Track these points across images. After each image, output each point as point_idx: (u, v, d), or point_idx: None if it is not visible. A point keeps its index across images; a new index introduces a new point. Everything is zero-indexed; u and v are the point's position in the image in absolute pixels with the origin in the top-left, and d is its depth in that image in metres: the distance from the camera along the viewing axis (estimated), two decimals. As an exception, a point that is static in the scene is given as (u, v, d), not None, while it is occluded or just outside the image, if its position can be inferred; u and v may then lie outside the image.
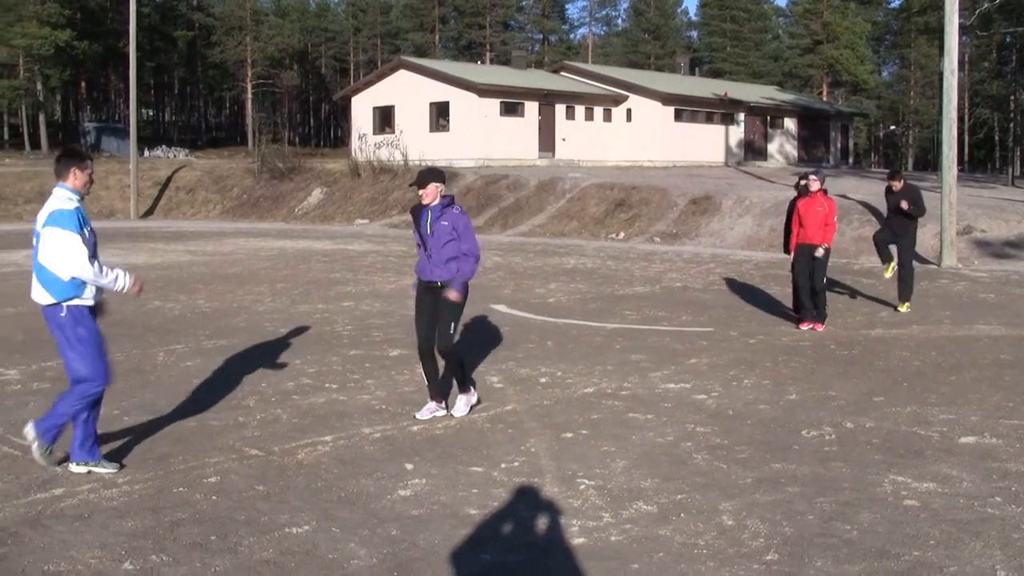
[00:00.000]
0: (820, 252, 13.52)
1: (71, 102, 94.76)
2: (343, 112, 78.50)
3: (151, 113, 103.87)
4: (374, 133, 47.88)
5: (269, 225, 39.75)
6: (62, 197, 7.00)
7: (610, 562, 5.56)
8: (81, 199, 7.11)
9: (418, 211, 8.74)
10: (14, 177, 46.26)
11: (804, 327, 13.69)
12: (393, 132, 46.49)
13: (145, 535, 5.96)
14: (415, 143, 43.80)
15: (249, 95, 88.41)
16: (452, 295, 8.56)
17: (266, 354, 11.76)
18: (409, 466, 7.32)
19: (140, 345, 12.42)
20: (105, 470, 7.12)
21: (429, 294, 8.71)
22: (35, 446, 7.01)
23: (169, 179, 48.62)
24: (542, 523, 6.19)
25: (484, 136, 44.28)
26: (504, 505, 6.50)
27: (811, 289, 13.70)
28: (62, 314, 6.92)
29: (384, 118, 48.49)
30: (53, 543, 5.84)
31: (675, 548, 5.75)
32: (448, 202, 8.69)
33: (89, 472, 7.07)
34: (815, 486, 6.85)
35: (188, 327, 13.90)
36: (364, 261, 23.82)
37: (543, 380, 10.41)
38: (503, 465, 7.34)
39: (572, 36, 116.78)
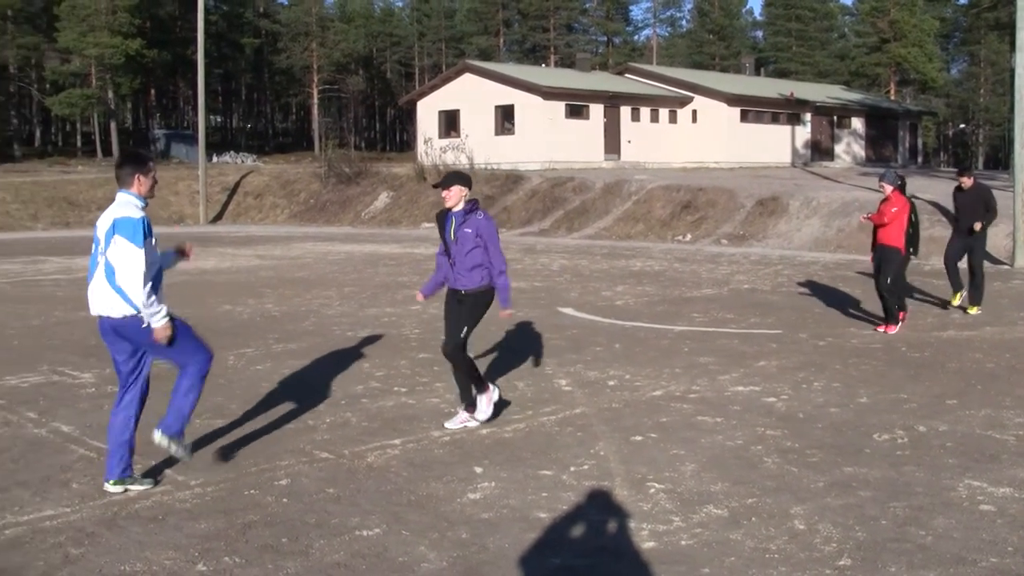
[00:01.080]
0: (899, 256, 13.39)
1: (141, 110, 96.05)
2: (408, 116, 78.88)
3: (219, 119, 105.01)
4: (440, 137, 48.07)
5: (336, 229, 40.02)
6: (128, 204, 6.79)
7: (680, 566, 5.53)
8: (146, 204, 6.94)
9: (443, 216, 8.48)
10: (87, 184, 46.97)
11: (891, 330, 13.47)
12: (458, 136, 46.64)
13: (218, 537, 6.03)
14: (480, 146, 43.90)
15: (315, 100, 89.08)
16: (506, 313, 8.62)
17: (335, 358, 11.85)
18: (478, 469, 7.33)
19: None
20: (141, 487, 6.94)
21: (455, 303, 8.50)
22: (173, 448, 7.02)
23: (237, 184, 49.13)
24: (611, 527, 6.18)
25: (549, 139, 44.27)
26: (573, 509, 6.49)
27: (879, 289, 13.54)
28: (143, 325, 6.73)
29: (449, 122, 48.65)
30: (128, 544, 5.92)
31: (746, 552, 5.71)
32: (472, 207, 8.40)
33: (125, 490, 6.87)
34: (888, 490, 6.77)
35: (257, 331, 14.03)
36: (431, 265, 23.86)
37: (611, 383, 10.39)
38: (572, 468, 7.33)
39: (636, 38, 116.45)
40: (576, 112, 45.96)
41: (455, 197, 8.30)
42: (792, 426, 8.50)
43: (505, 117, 46.56)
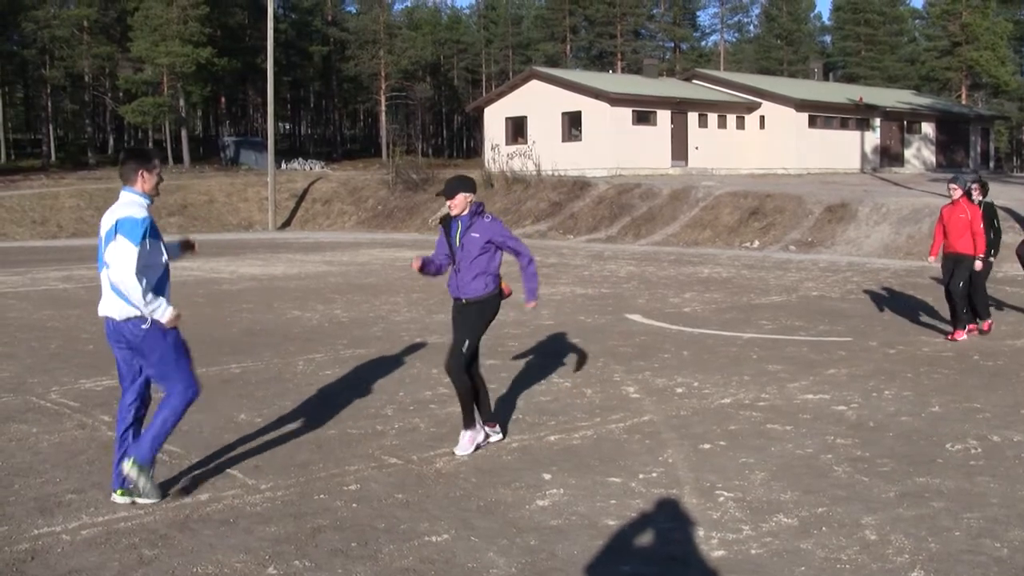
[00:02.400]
0: (978, 265, 13.22)
1: (211, 117, 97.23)
2: (475, 123, 79.08)
3: (288, 127, 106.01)
4: (507, 143, 48.18)
5: (403, 235, 40.23)
6: (131, 203, 6.59)
7: (750, 575, 5.50)
8: (151, 203, 6.72)
9: (447, 222, 8.12)
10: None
11: (959, 336, 13.30)
12: (525, 142, 46.71)
13: (288, 540, 6.08)
14: (547, 153, 43.94)
15: (383, 107, 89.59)
16: (532, 305, 8.30)
17: (403, 363, 11.91)
18: (547, 476, 7.33)
19: (280, 354, 12.67)
20: (148, 500, 6.73)
21: (459, 313, 8.07)
22: (142, 482, 6.63)
23: (306, 191, 49.54)
24: (681, 535, 6.15)
25: (616, 145, 44.21)
26: (642, 516, 6.47)
27: (949, 294, 13.37)
28: (145, 326, 6.58)
29: (516, 128, 48.74)
30: (200, 546, 5.99)
31: (817, 563, 5.66)
32: (476, 210, 7.99)
33: (133, 502, 6.72)
34: (961, 501, 6.68)
35: (326, 336, 14.14)
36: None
37: (679, 390, 10.35)
38: (641, 476, 7.31)
39: (703, 43, 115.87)
40: (643, 118, 45.86)
41: (460, 205, 7.93)
42: (863, 435, 8.41)
43: (572, 124, 46.56)
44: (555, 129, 46.71)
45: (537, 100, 47.58)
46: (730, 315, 15.97)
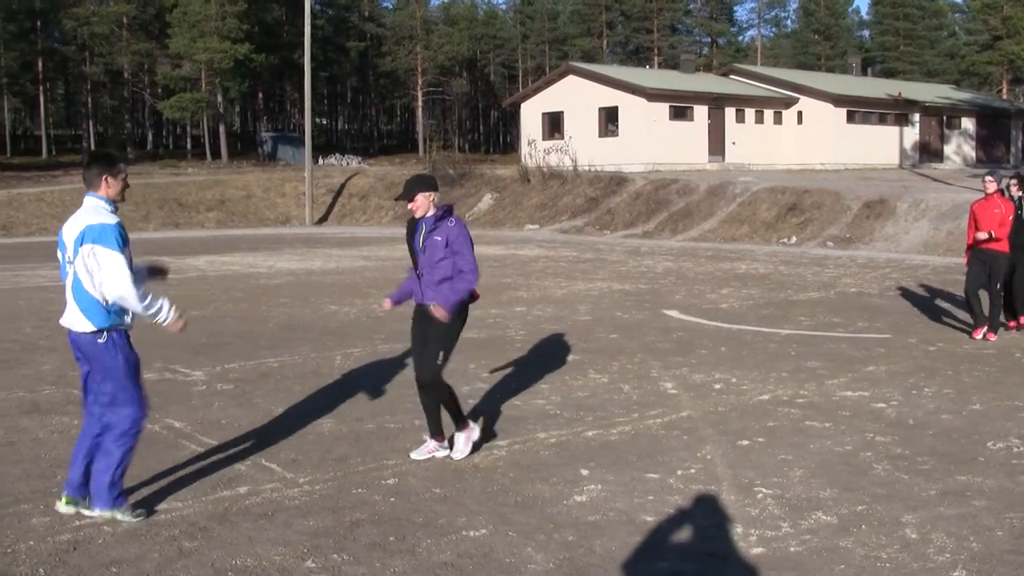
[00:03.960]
0: (981, 236, 13.01)
1: (249, 113, 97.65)
2: (512, 118, 79.13)
3: (325, 122, 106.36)
4: (543, 139, 48.13)
5: (439, 231, 40.25)
6: (98, 208, 6.29)
7: (789, 573, 5.47)
8: (115, 209, 6.39)
9: (412, 225, 7.65)
10: (196, 186, 47.90)
11: (976, 335, 13.18)
12: (562, 138, 46.66)
13: (326, 534, 6.10)
14: (584, 148, 43.87)
15: (420, 103, 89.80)
16: (437, 312, 7.43)
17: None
18: (585, 472, 7.33)
19: (318, 348, 12.72)
20: (129, 518, 6.37)
21: (423, 319, 7.65)
22: (119, 516, 6.33)
23: (343, 186, 49.68)
24: (719, 531, 6.13)
25: (653, 141, 44.09)
26: (680, 512, 6.46)
27: (990, 294, 13.24)
28: (101, 340, 6.24)
29: (553, 124, 48.70)
30: (239, 539, 6.02)
31: (857, 561, 5.62)
32: (442, 214, 7.54)
33: (77, 512, 6.42)
34: (1003, 500, 6.62)
35: (364, 331, 14.18)
36: (535, 266, 23.95)
37: (717, 386, 10.31)
38: (679, 472, 7.29)
39: (741, 38, 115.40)
40: (680, 114, 45.72)
41: (422, 206, 7.49)
42: (902, 432, 8.36)
43: (609, 119, 46.47)
44: (592, 124, 46.63)
45: (574, 95, 47.50)
46: (768, 311, 15.89)
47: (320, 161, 61.07)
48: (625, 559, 5.69)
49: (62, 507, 6.42)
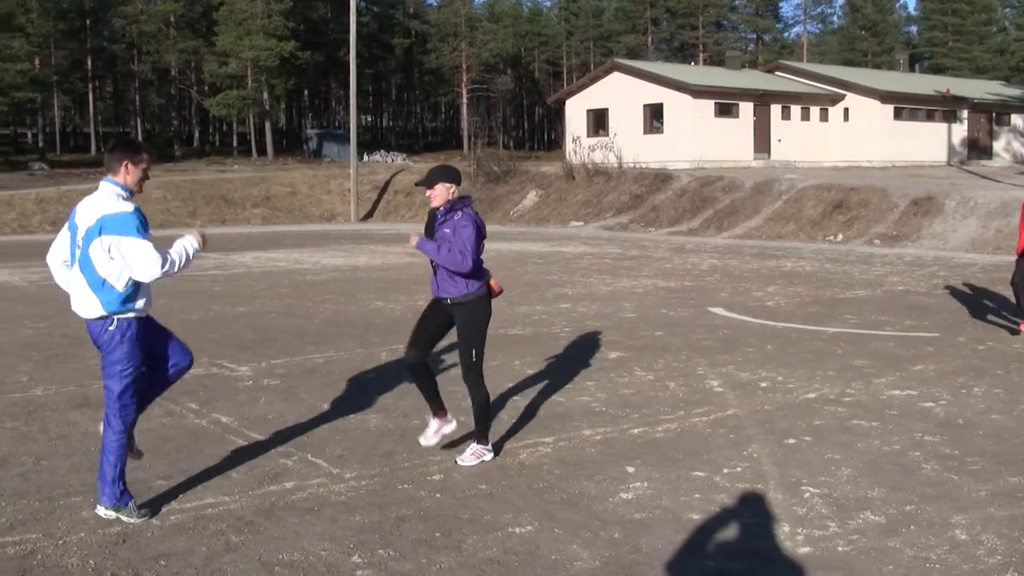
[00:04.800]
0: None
1: (294, 110, 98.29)
2: (557, 115, 79.07)
3: (370, 119, 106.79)
4: (588, 136, 48.04)
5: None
6: (113, 195, 6.16)
7: (837, 573, 5.43)
8: (131, 196, 6.25)
9: (431, 217, 7.55)
10: (242, 182, 48.20)
11: (1023, 328, 13.07)
12: (607, 134, 46.56)
13: (372, 529, 6.12)
14: (629, 145, 43.75)
15: (464, 100, 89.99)
16: (412, 238, 7.42)
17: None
18: (630, 469, 7.31)
19: (363, 344, 12.77)
20: (132, 519, 6.30)
21: (437, 310, 7.63)
22: (124, 516, 6.25)
23: (387, 183, 49.84)
24: (766, 531, 6.09)
25: (698, 138, 43.93)
26: (727, 511, 6.43)
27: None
28: (111, 327, 6.19)
29: (598, 121, 48.63)
30: (286, 533, 6.06)
31: (905, 561, 5.57)
32: (455, 205, 7.37)
33: (118, 517, 6.29)
34: (1055, 500, 6.55)
35: (409, 327, 14.07)
36: (580, 263, 23.92)
37: (763, 384, 10.26)
38: (725, 470, 7.26)
39: (786, 35, 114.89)
40: (725, 111, 45.53)
41: (440, 195, 7.32)
42: (951, 432, 8.27)
43: (654, 116, 46.36)
44: (636, 121, 46.52)
45: (618, 92, 47.42)
46: (814, 309, 15.79)
47: (365, 158, 61.33)
48: (671, 557, 5.67)
49: (101, 512, 6.35)
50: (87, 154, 72.62)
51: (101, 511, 6.29)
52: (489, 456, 7.56)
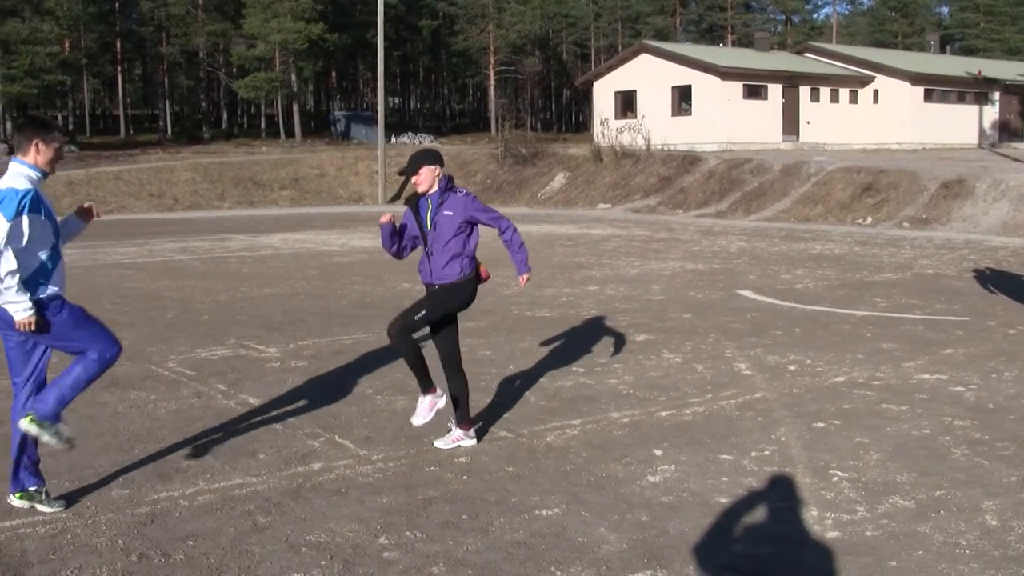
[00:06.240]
0: None
1: (322, 92, 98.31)
2: (584, 97, 78.82)
3: (397, 101, 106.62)
4: (616, 118, 47.90)
5: (512, 210, 40.26)
6: (16, 175, 5.76)
7: (866, 558, 5.40)
8: (44, 177, 5.91)
9: (415, 202, 7.29)
10: (270, 164, 48.32)
11: None
12: (635, 117, 46.41)
13: (399, 511, 6.12)
14: (657, 127, 43.62)
15: (492, 82, 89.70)
16: (524, 278, 7.41)
17: (512, 337, 11.93)
18: (658, 452, 7.29)
19: (391, 327, 12.76)
20: (48, 508, 6.13)
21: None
22: (45, 437, 5.90)
23: (415, 165, 49.83)
24: (794, 515, 6.06)
25: (727, 120, 43.73)
26: (755, 495, 6.40)
27: None
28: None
29: (626, 103, 48.46)
30: (313, 515, 6.07)
31: (935, 547, 5.53)
32: (446, 185, 7.18)
33: (32, 507, 6.13)
34: (1087, 486, 6.49)
35: (436, 310, 14.18)
36: (607, 245, 23.87)
37: (792, 368, 10.21)
38: (753, 454, 7.23)
39: (816, 16, 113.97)
40: (754, 92, 45.28)
41: (427, 180, 7.12)
42: (982, 417, 8.21)
43: (682, 98, 46.16)
44: (665, 103, 46.34)
45: (647, 74, 47.23)
46: (843, 292, 15.71)
47: (393, 140, 61.33)
48: (698, 541, 5.65)
49: (15, 501, 6.15)
50: (116, 136, 72.97)
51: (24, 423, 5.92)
52: (442, 400, 7.47)
